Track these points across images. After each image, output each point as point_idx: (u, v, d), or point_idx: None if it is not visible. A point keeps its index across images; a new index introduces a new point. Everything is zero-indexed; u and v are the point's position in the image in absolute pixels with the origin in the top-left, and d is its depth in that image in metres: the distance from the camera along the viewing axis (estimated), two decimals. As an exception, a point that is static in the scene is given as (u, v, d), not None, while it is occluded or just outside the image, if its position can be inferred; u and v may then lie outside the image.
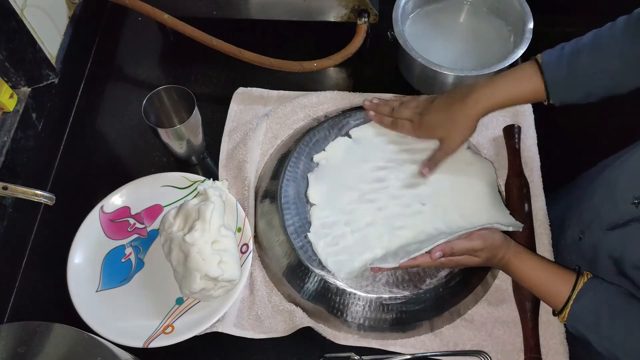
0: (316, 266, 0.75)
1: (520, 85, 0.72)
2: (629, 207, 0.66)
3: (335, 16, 0.98)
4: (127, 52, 1.05)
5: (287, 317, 0.77)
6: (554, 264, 0.73)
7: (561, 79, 0.70)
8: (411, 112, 0.81)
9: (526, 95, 0.73)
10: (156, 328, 0.76)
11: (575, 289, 0.67)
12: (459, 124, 0.74)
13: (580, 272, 0.69)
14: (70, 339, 0.60)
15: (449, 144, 0.76)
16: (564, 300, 0.67)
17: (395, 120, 0.83)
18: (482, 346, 0.76)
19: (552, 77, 0.70)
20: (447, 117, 0.76)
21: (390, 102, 0.85)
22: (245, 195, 0.86)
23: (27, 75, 0.86)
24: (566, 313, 0.67)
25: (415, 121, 0.80)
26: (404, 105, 0.83)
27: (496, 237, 0.71)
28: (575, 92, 0.71)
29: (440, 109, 0.77)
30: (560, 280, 0.69)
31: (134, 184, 0.86)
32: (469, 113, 0.73)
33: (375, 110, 0.85)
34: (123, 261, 0.81)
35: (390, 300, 0.74)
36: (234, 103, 0.96)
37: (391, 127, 0.83)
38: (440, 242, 0.69)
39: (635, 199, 0.66)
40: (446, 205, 0.78)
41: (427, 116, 0.78)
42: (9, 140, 0.81)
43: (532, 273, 0.71)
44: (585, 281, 0.67)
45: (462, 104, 0.74)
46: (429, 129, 0.78)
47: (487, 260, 0.71)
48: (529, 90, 0.72)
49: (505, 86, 0.73)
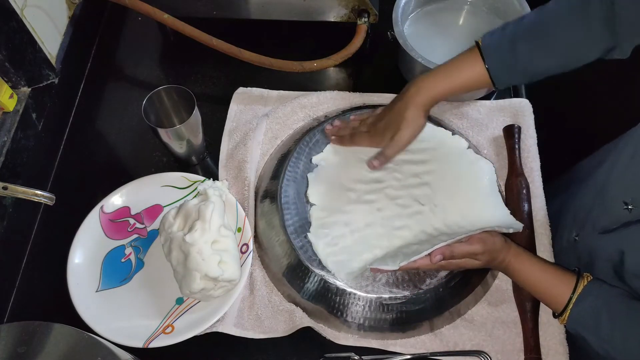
0: (316, 266, 0.75)
1: (463, 73, 0.71)
2: (620, 212, 0.66)
3: (335, 16, 0.98)
4: (127, 52, 1.05)
5: (287, 317, 0.77)
6: (554, 266, 0.72)
7: (503, 65, 0.69)
8: (367, 125, 0.81)
9: (471, 82, 0.71)
10: (156, 328, 0.76)
11: (576, 291, 0.67)
12: (405, 118, 0.74)
13: (581, 274, 0.69)
14: (70, 339, 0.61)
15: (398, 139, 0.76)
16: (564, 302, 0.67)
17: (352, 135, 0.82)
18: (482, 346, 0.76)
19: (494, 63, 0.69)
20: (394, 116, 0.76)
21: (351, 123, 0.84)
22: (245, 195, 0.86)
23: (27, 75, 0.86)
24: (566, 316, 0.67)
25: (371, 130, 0.80)
26: (363, 122, 0.83)
27: (496, 240, 0.71)
28: (517, 75, 0.70)
29: (387, 110, 0.77)
30: (561, 282, 0.68)
31: (134, 184, 0.86)
32: (412, 106, 0.73)
33: (337, 133, 0.84)
34: (123, 261, 0.81)
35: (390, 300, 0.74)
36: (234, 103, 0.96)
37: (350, 143, 0.83)
38: (440, 246, 0.68)
39: (626, 204, 0.65)
40: (445, 206, 0.78)
41: (379, 122, 0.79)
42: (9, 140, 0.81)
43: (533, 275, 0.70)
44: (585, 284, 0.67)
45: (404, 99, 0.74)
46: (381, 132, 0.78)
47: (487, 263, 0.71)
48: (472, 76, 0.71)
49: (446, 75, 0.72)
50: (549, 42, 0.67)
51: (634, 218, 0.64)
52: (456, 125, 0.91)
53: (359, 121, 0.84)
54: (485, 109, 0.93)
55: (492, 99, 0.96)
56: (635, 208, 0.64)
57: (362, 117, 0.84)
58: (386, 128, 0.77)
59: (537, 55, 0.68)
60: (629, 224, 0.65)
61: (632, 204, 0.65)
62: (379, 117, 0.80)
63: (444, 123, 0.89)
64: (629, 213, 0.65)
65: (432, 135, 0.85)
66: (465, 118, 0.92)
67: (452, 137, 0.85)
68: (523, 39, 0.68)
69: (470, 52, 0.71)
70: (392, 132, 0.76)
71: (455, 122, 0.92)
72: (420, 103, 0.73)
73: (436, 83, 0.72)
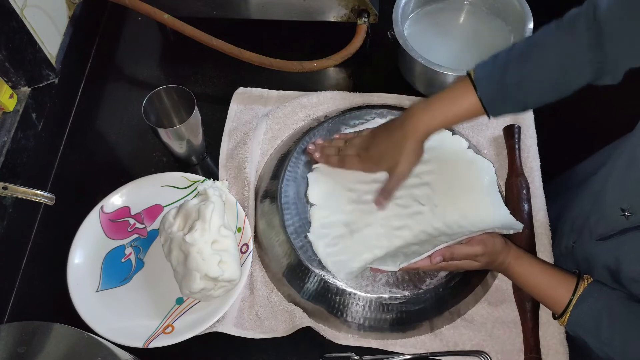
0: (316, 266, 0.75)
1: (457, 105, 0.70)
2: (618, 218, 0.66)
3: (335, 16, 0.98)
4: (127, 52, 1.05)
5: (287, 317, 0.77)
6: (554, 267, 0.72)
7: (495, 95, 0.68)
8: (357, 149, 0.79)
9: (465, 113, 0.71)
10: (156, 328, 0.76)
11: (576, 293, 0.67)
12: (404, 151, 0.73)
13: (581, 277, 0.69)
14: (70, 339, 0.61)
15: (399, 172, 0.74)
16: (564, 304, 0.67)
17: (342, 157, 0.81)
18: (482, 346, 0.76)
19: (486, 94, 0.68)
20: (391, 147, 0.74)
21: (335, 142, 0.83)
22: (245, 195, 0.86)
23: (27, 75, 0.86)
24: (566, 317, 0.67)
25: (362, 156, 0.78)
26: (349, 143, 0.81)
27: (496, 242, 0.71)
28: (510, 104, 0.70)
29: (384, 139, 0.76)
30: (561, 284, 0.68)
31: (134, 184, 0.86)
32: (412, 139, 0.72)
33: (321, 151, 0.82)
34: (123, 261, 0.81)
35: (390, 300, 0.74)
36: (234, 103, 0.96)
37: (338, 164, 0.81)
38: (440, 247, 0.68)
39: (623, 210, 0.65)
40: (445, 206, 0.78)
41: (373, 149, 0.77)
42: (9, 140, 0.81)
43: (533, 277, 0.70)
44: (585, 286, 0.67)
45: (402, 132, 0.73)
46: (376, 161, 0.77)
47: (487, 265, 0.71)
48: (466, 108, 0.70)
49: (441, 108, 0.71)
50: (539, 69, 0.66)
51: (632, 225, 0.64)
52: (456, 125, 0.91)
53: (344, 140, 0.82)
54: (485, 109, 0.93)
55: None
56: (633, 215, 0.64)
57: (347, 137, 0.83)
58: (382, 157, 0.76)
59: (528, 83, 0.67)
60: (626, 230, 0.65)
61: (630, 211, 0.64)
62: (370, 142, 0.78)
63: (444, 123, 0.89)
64: (626, 220, 0.65)
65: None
66: (465, 118, 0.92)
67: (452, 137, 0.85)
68: (513, 68, 0.67)
69: (462, 82, 0.71)
70: (389, 163, 0.75)
71: (455, 122, 0.92)
72: (420, 136, 0.72)
73: (434, 115, 0.71)
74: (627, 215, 0.65)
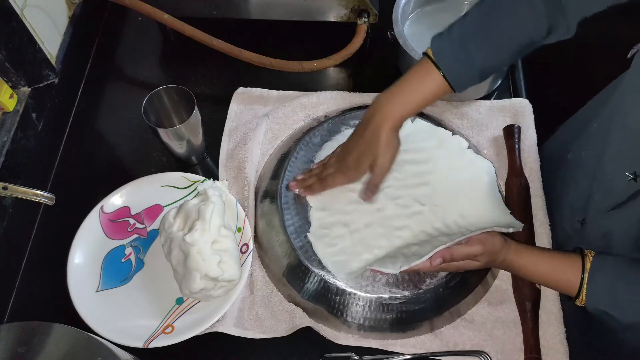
0: (316, 266, 0.75)
1: (422, 87, 0.70)
2: (626, 185, 0.66)
3: (335, 16, 0.98)
4: (127, 52, 1.05)
5: (287, 317, 0.77)
6: (556, 252, 0.73)
7: (459, 69, 0.68)
8: (334, 166, 0.78)
9: (431, 94, 0.70)
10: (156, 328, 0.76)
11: (585, 271, 0.67)
12: (380, 144, 0.71)
13: (584, 253, 0.69)
14: (70, 339, 0.61)
15: (380, 166, 0.73)
16: (577, 285, 0.67)
17: (323, 179, 0.78)
18: (482, 346, 0.76)
19: (450, 71, 0.68)
20: (365, 146, 0.73)
21: (313, 171, 0.81)
22: (245, 195, 0.86)
23: (27, 75, 0.86)
24: (583, 296, 0.67)
25: (341, 169, 0.77)
26: (326, 165, 0.80)
27: (495, 240, 0.71)
28: (474, 74, 0.69)
29: (357, 143, 0.74)
30: (568, 266, 0.68)
31: (134, 184, 0.86)
32: (385, 130, 0.71)
33: (302, 185, 0.80)
34: (123, 261, 0.81)
35: (390, 300, 0.74)
36: (234, 103, 0.96)
37: (321, 187, 0.79)
38: (439, 249, 0.68)
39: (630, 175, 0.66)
40: (446, 206, 0.78)
41: (349, 156, 0.75)
42: (9, 140, 0.81)
43: (538, 268, 0.70)
44: (591, 260, 0.67)
45: (373, 126, 0.71)
46: (356, 165, 0.75)
47: (487, 264, 0.71)
48: (431, 89, 0.70)
49: (408, 95, 0.70)
50: (497, 32, 0.67)
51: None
52: (456, 125, 0.91)
53: (321, 167, 0.81)
54: (485, 109, 0.93)
55: (492, 99, 0.96)
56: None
57: (322, 162, 0.81)
58: (359, 160, 0.74)
59: (487, 49, 0.68)
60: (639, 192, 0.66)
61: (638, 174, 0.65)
62: (344, 152, 0.77)
63: (444, 123, 0.89)
64: (635, 182, 0.65)
65: (432, 135, 0.85)
66: (465, 118, 0.92)
67: (452, 137, 0.85)
68: (471, 37, 0.67)
69: (422, 63, 0.70)
70: (368, 160, 0.73)
71: (455, 122, 0.92)
72: (392, 126, 0.71)
73: (401, 103, 0.70)
74: (636, 177, 0.65)
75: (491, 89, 0.96)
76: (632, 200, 0.67)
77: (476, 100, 0.95)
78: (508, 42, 0.68)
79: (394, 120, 0.71)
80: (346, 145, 0.77)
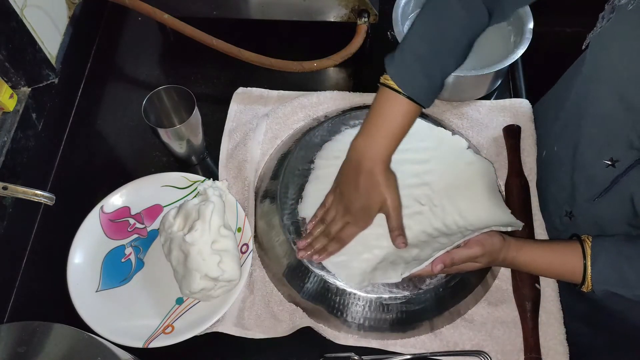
0: (316, 266, 0.75)
1: (396, 118, 0.69)
2: (606, 172, 0.68)
3: (335, 16, 0.98)
4: (127, 52, 1.05)
5: (287, 317, 0.77)
6: (555, 243, 0.74)
7: (425, 88, 0.69)
8: (339, 220, 0.75)
9: (408, 121, 0.70)
10: (156, 328, 0.76)
11: (586, 256, 0.67)
12: (380, 188, 0.71)
13: (581, 239, 0.69)
14: (70, 339, 0.61)
15: (393, 208, 0.72)
16: (580, 272, 0.68)
17: (337, 238, 0.75)
18: (482, 346, 0.76)
19: (418, 93, 0.68)
20: (367, 194, 0.72)
21: (316, 232, 0.77)
22: (245, 195, 0.86)
23: (27, 75, 0.86)
24: (589, 281, 0.67)
25: (350, 221, 0.75)
26: (330, 222, 0.76)
27: (494, 240, 0.71)
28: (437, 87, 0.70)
29: (356, 194, 0.72)
30: (568, 255, 0.69)
31: (134, 184, 0.86)
32: (377, 176, 0.70)
33: (314, 250, 0.75)
34: (123, 261, 0.81)
35: (390, 300, 0.74)
36: (234, 103, 0.96)
37: (339, 246, 0.75)
38: (439, 254, 0.68)
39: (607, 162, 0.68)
40: (446, 206, 0.78)
41: (353, 207, 0.73)
42: (9, 140, 0.81)
43: (540, 262, 0.71)
44: (590, 245, 0.68)
45: (365, 175, 0.70)
46: (365, 215, 0.74)
47: (488, 264, 0.72)
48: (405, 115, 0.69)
49: (385, 131, 0.69)
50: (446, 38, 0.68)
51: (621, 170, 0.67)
52: (456, 125, 0.91)
53: (321, 225, 0.77)
54: (485, 109, 0.93)
55: (492, 99, 0.96)
56: (619, 161, 0.67)
57: (319, 220, 0.77)
58: (367, 209, 0.73)
59: (443, 58, 0.68)
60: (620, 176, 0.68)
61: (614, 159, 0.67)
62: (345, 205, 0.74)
63: (444, 123, 0.89)
64: (614, 168, 0.67)
65: (432, 135, 0.85)
66: (465, 118, 0.92)
67: (452, 137, 0.85)
68: (425, 53, 0.67)
69: (385, 94, 0.70)
70: (377, 206, 0.72)
71: (455, 122, 0.92)
72: (382, 167, 0.70)
73: (382, 143, 0.70)
74: (614, 163, 0.67)
75: (491, 89, 0.96)
76: (616, 184, 0.68)
77: (476, 100, 0.95)
78: (459, 43, 0.68)
79: (383, 160, 0.70)
80: (342, 197, 0.75)
